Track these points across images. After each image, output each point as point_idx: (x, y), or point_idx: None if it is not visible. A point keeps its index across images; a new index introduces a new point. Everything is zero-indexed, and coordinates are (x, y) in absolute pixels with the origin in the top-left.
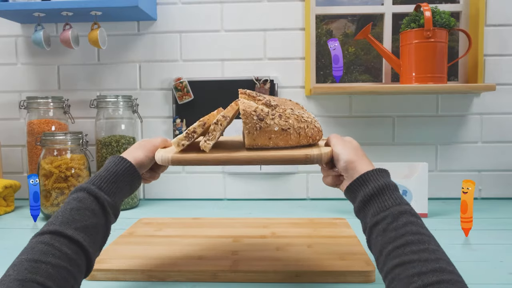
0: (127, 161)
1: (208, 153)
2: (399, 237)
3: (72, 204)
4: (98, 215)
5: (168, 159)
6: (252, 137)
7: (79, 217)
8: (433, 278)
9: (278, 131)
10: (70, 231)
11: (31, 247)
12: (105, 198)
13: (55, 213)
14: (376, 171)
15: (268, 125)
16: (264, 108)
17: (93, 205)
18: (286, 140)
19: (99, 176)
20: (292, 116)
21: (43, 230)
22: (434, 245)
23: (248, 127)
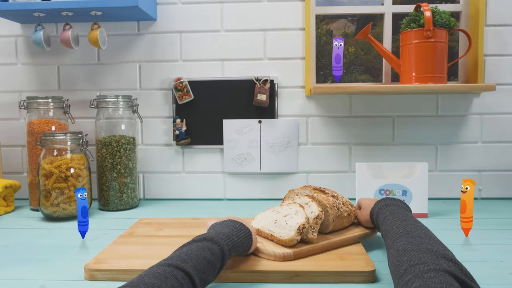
0: (251, 238)
1: (316, 243)
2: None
3: (206, 254)
4: (215, 272)
5: (291, 254)
6: (334, 223)
7: (206, 269)
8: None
9: (346, 216)
10: (197, 281)
11: (165, 276)
12: (226, 259)
13: (187, 249)
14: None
15: (341, 212)
16: (334, 199)
17: (217, 263)
18: (349, 222)
19: (231, 239)
20: (346, 203)
21: (178, 264)
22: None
23: (332, 216)
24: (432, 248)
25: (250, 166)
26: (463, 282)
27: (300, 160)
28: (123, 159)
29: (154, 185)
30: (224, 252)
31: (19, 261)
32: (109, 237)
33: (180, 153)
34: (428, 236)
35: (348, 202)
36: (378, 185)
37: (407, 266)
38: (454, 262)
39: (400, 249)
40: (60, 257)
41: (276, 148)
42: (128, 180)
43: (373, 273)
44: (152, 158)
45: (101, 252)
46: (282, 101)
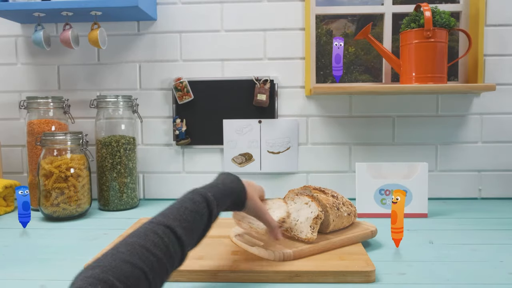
0: (242, 184)
1: (315, 242)
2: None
3: (187, 204)
4: (204, 221)
5: (290, 254)
6: (334, 223)
7: (190, 218)
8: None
9: (346, 216)
10: (180, 230)
11: (145, 233)
12: (215, 208)
13: (170, 205)
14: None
15: (341, 212)
16: (334, 199)
17: (204, 211)
18: (349, 222)
19: (215, 186)
20: (346, 203)
21: (158, 220)
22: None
23: (332, 216)
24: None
25: (250, 166)
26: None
27: (300, 160)
28: (123, 159)
29: (154, 185)
30: (208, 198)
31: (19, 261)
32: (109, 237)
33: (180, 153)
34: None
35: (348, 202)
36: (378, 185)
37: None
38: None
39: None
40: (60, 257)
41: (276, 148)
42: (128, 180)
43: (373, 273)
44: (152, 158)
45: (101, 252)
46: (282, 101)
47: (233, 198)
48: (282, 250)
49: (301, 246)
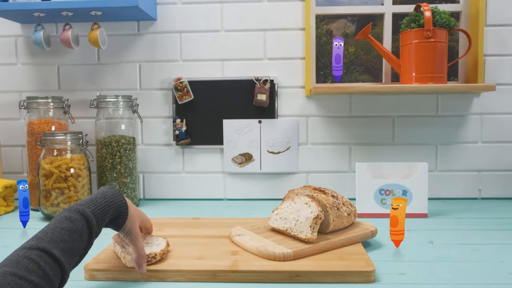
0: (124, 199)
1: (316, 242)
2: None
3: (64, 224)
4: (84, 240)
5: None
6: (334, 223)
7: (68, 238)
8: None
9: (346, 216)
10: (57, 252)
11: (16, 261)
12: (95, 224)
13: (45, 227)
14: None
15: (341, 212)
16: (334, 199)
17: (83, 228)
18: (349, 222)
19: (95, 201)
20: (346, 203)
21: (31, 244)
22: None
23: (332, 216)
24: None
25: (250, 166)
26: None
27: (300, 160)
28: (123, 159)
29: (154, 185)
30: (86, 215)
31: None
32: (109, 237)
33: (180, 153)
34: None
35: (348, 202)
36: (378, 185)
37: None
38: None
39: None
40: None
41: (276, 148)
42: (128, 180)
43: (373, 273)
44: (152, 158)
45: (101, 252)
46: (282, 101)
47: (114, 213)
48: (282, 250)
49: (301, 246)
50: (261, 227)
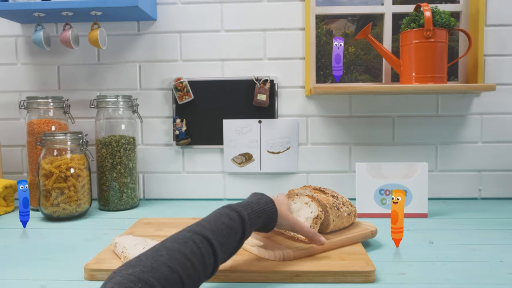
0: (275, 206)
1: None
2: None
3: (224, 219)
4: (237, 239)
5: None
6: (334, 223)
7: (226, 233)
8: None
9: (346, 216)
10: (216, 243)
11: (184, 240)
12: (248, 227)
13: (207, 217)
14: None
15: (341, 212)
16: (334, 199)
17: (238, 229)
18: (349, 221)
19: (251, 206)
20: (346, 203)
21: (196, 229)
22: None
23: (332, 216)
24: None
25: (250, 166)
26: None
27: (300, 160)
28: (123, 159)
29: (154, 185)
30: (243, 217)
31: (19, 261)
32: (109, 237)
33: (180, 153)
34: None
35: (348, 202)
36: (378, 185)
37: None
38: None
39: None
40: (60, 257)
41: (276, 148)
42: (128, 180)
43: (373, 273)
44: (152, 158)
45: (101, 252)
46: (282, 101)
47: (265, 220)
48: (282, 250)
49: (301, 246)
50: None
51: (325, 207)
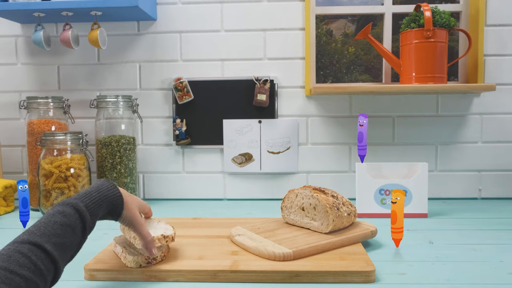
0: (119, 191)
1: (313, 242)
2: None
3: (57, 218)
4: (77, 234)
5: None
6: (333, 223)
7: (60, 232)
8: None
9: (346, 216)
10: (49, 246)
11: (8, 255)
12: (88, 218)
13: (38, 221)
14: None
15: (341, 212)
16: (334, 199)
17: (76, 223)
18: (349, 221)
19: (90, 195)
20: (346, 203)
21: (23, 238)
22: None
23: (332, 216)
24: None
25: (250, 166)
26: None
27: (300, 160)
28: (123, 159)
29: (154, 185)
30: (79, 209)
31: None
32: (109, 237)
33: (180, 153)
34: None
35: (348, 202)
36: (378, 185)
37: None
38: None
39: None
40: None
41: (276, 148)
42: (128, 180)
43: (373, 273)
44: (152, 158)
45: (101, 252)
46: (282, 101)
47: (109, 206)
48: (282, 250)
49: (301, 246)
50: (261, 227)
51: (325, 207)
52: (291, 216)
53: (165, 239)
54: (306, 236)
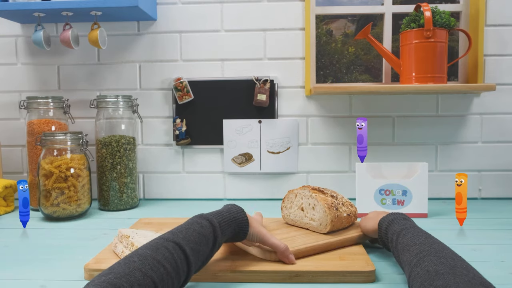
0: (246, 215)
1: (311, 242)
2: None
3: (195, 227)
4: (209, 246)
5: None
6: (332, 224)
7: (198, 240)
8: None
9: (346, 217)
10: (188, 249)
11: (156, 247)
12: (220, 235)
13: (178, 226)
14: (398, 215)
15: (340, 212)
16: (333, 199)
17: (210, 235)
18: (349, 222)
19: (221, 215)
20: (346, 203)
21: (168, 237)
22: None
23: (331, 216)
24: (467, 273)
25: (250, 166)
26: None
27: (300, 160)
28: (123, 159)
29: (154, 185)
30: (214, 225)
31: (19, 261)
32: (109, 237)
33: (180, 153)
34: (458, 258)
35: (348, 202)
36: (378, 185)
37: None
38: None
39: (431, 270)
40: (60, 257)
41: (276, 148)
42: (128, 180)
43: (373, 273)
44: (152, 158)
45: (101, 252)
46: (282, 101)
47: (236, 228)
48: None
49: (298, 246)
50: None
51: (323, 207)
52: (291, 217)
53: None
54: (304, 236)
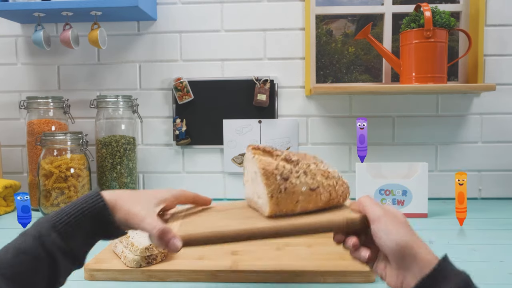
0: (101, 199)
1: (222, 226)
2: None
3: (11, 244)
4: (44, 263)
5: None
6: (276, 201)
7: (17, 262)
8: None
9: (306, 192)
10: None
11: None
12: (55, 242)
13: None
14: (448, 262)
15: (294, 185)
16: (286, 164)
17: (33, 248)
18: (316, 202)
19: (61, 213)
20: (318, 172)
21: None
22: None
23: (270, 189)
24: None
25: None
26: None
27: None
28: (123, 159)
29: (154, 185)
30: (38, 234)
31: None
32: None
33: (180, 153)
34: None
35: (331, 174)
36: (378, 185)
37: None
38: None
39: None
40: None
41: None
42: (128, 180)
43: (373, 273)
44: (152, 158)
45: (101, 252)
46: (282, 101)
47: (90, 221)
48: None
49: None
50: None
51: (262, 175)
52: (249, 196)
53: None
54: (226, 220)
